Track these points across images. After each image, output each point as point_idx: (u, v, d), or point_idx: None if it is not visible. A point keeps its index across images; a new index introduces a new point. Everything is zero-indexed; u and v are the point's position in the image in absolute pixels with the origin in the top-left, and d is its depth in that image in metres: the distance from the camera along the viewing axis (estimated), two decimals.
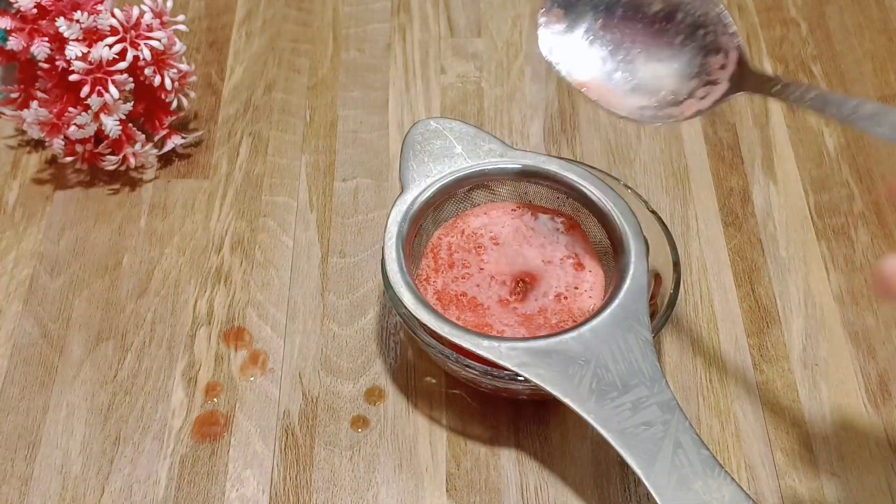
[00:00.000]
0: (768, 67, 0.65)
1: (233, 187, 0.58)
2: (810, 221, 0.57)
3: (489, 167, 0.49)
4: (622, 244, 0.46)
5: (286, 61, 0.65)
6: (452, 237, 0.49)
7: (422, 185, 0.48)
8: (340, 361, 0.51)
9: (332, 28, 0.67)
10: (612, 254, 0.47)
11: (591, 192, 0.48)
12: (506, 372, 0.44)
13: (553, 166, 0.49)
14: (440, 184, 0.48)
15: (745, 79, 0.40)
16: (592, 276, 0.47)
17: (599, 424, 0.36)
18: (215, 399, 0.49)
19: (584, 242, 0.49)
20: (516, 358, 0.41)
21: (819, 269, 0.55)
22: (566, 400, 0.38)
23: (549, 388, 0.39)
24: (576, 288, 0.47)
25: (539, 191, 0.50)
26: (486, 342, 0.42)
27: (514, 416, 0.49)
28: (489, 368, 0.44)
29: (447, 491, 0.46)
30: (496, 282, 0.48)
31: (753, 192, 0.58)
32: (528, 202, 0.51)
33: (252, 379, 0.50)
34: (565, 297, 0.47)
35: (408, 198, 0.48)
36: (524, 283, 0.48)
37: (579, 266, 0.48)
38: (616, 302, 0.42)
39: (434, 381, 0.50)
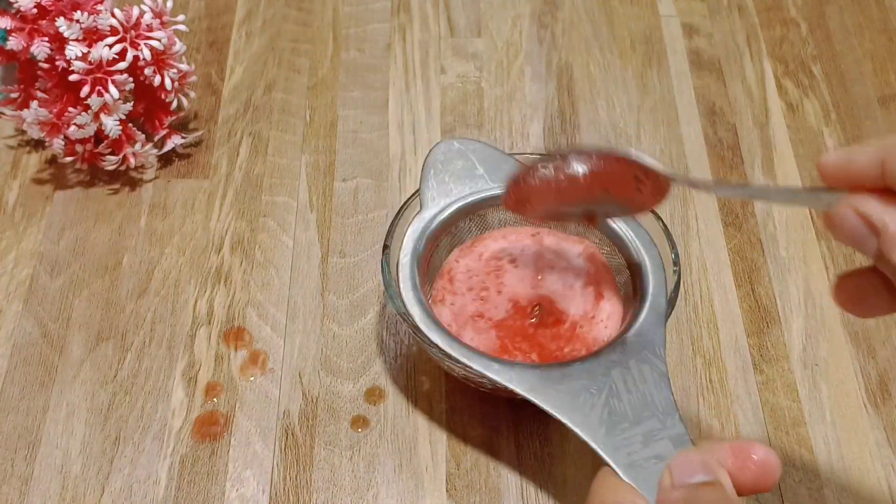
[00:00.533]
0: (768, 68, 0.65)
1: (233, 187, 0.58)
2: (810, 221, 0.57)
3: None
4: (641, 275, 0.46)
5: (286, 61, 0.65)
6: (470, 259, 0.49)
7: (441, 204, 0.48)
8: (340, 361, 0.51)
9: (332, 28, 0.67)
10: (630, 284, 0.47)
11: (613, 223, 0.47)
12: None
13: None
14: (459, 204, 0.48)
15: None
16: (610, 306, 0.47)
17: (609, 456, 0.36)
18: (215, 399, 0.49)
19: (604, 272, 0.49)
20: (527, 383, 0.40)
21: (819, 269, 0.55)
22: (576, 429, 0.38)
23: (558, 416, 0.39)
24: (592, 317, 0.47)
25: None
26: (496, 365, 0.41)
27: (514, 416, 0.49)
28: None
29: (447, 491, 0.46)
30: (513, 305, 0.48)
31: None
32: (548, 226, 0.50)
33: (252, 379, 0.50)
34: (581, 326, 0.46)
35: (426, 216, 0.47)
36: (541, 308, 0.47)
37: (599, 295, 0.47)
38: (632, 332, 0.42)
39: (434, 381, 0.50)
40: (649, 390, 0.38)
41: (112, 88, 0.54)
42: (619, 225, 0.47)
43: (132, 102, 0.57)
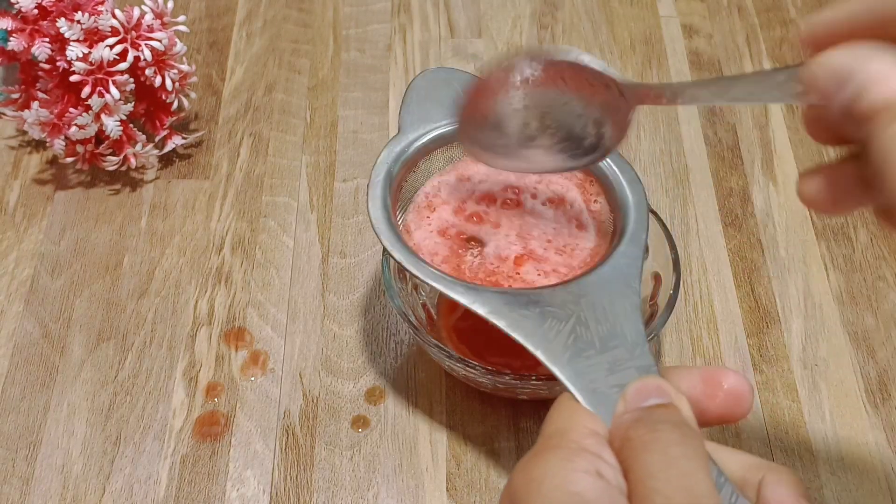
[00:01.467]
0: (768, 68, 0.65)
1: (233, 188, 0.58)
2: (810, 222, 0.57)
3: None
4: (623, 209, 0.44)
5: (287, 62, 0.65)
6: (447, 181, 0.47)
7: (420, 130, 0.45)
8: (341, 361, 0.51)
9: (332, 29, 0.67)
10: (612, 220, 0.45)
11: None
12: (506, 373, 0.45)
13: None
14: (440, 131, 0.46)
15: (630, 96, 0.40)
16: (591, 239, 0.46)
17: (570, 381, 0.34)
18: (216, 399, 0.49)
19: (586, 207, 0.47)
20: (490, 305, 0.38)
21: (819, 269, 0.55)
22: (537, 352, 0.36)
23: (520, 339, 0.37)
24: (572, 249, 0.45)
25: None
26: (461, 287, 0.39)
27: (514, 415, 0.49)
28: (489, 368, 0.44)
29: (447, 490, 0.46)
30: (495, 230, 0.45)
31: (753, 192, 0.58)
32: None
33: (252, 379, 0.50)
34: (561, 251, 0.45)
35: (403, 140, 0.45)
36: (526, 237, 0.45)
37: (580, 227, 0.46)
38: (607, 263, 0.40)
39: (434, 381, 0.50)
40: (619, 322, 0.37)
41: (113, 89, 0.54)
42: (605, 161, 0.45)
43: (133, 103, 0.57)
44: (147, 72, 0.55)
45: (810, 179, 0.34)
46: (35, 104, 0.54)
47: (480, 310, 0.38)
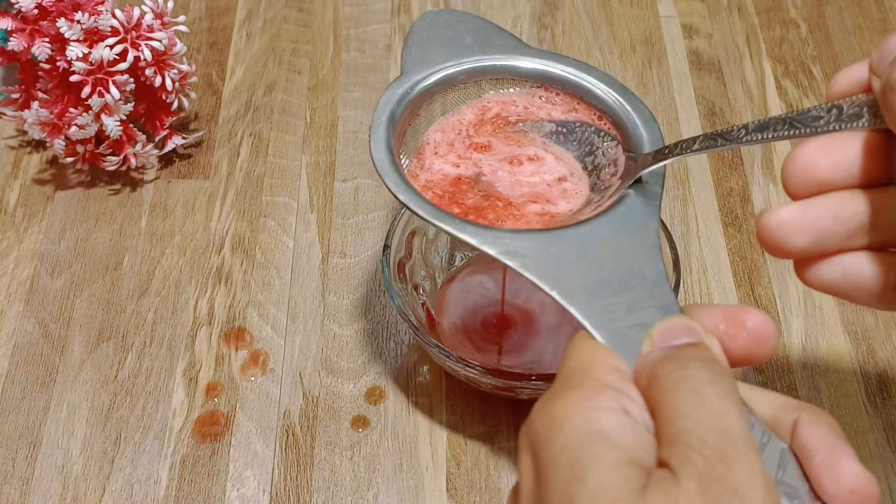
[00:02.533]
0: (768, 68, 0.65)
1: (233, 188, 0.58)
2: None
3: (500, 62, 0.45)
4: (639, 148, 0.42)
5: (287, 62, 0.65)
6: (452, 131, 0.45)
7: (423, 72, 0.44)
8: (341, 361, 0.51)
9: (332, 29, 0.67)
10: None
11: (611, 97, 0.44)
12: (506, 373, 0.45)
13: (572, 68, 0.45)
14: (445, 72, 0.44)
15: (640, 166, 0.39)
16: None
17: (587, 320, 0.32)
18: (216, 399, 0.49)
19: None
20: (502, 246, 0.37)
21: None
22: (552, 292, 0.34)
23: (535, 280, 0.35)
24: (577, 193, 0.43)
25: (552, 96, 0.46)
26: (471, 227, 0.38)
27: (514, 415, 0.49)
28: (489, 368, 0.44)
29: (447, 491, 0.46)
30: (503, 164, 0.44)
31: (753, 192, 0.58)
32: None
33: (253, 379, 0.50)
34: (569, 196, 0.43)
35: (406, 82, 0.43)
36: (532, 161, 0.44)
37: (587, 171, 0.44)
38: (624, 203, 0.38)
39: (434, 381, 0.50)
40: (638, 261, 0.35)
41: (113, 89, 0.54)
42: (615, 98, 0.44)
43: (133, 103, 0.57)
44: (147, 72, 0.55)
45: (779, 210, 0.31)
46: (35, 104, 0.54)
47: (492, 250, 0.37)
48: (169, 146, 0.59)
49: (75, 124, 0.54)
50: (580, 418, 0.27)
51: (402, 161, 0.42)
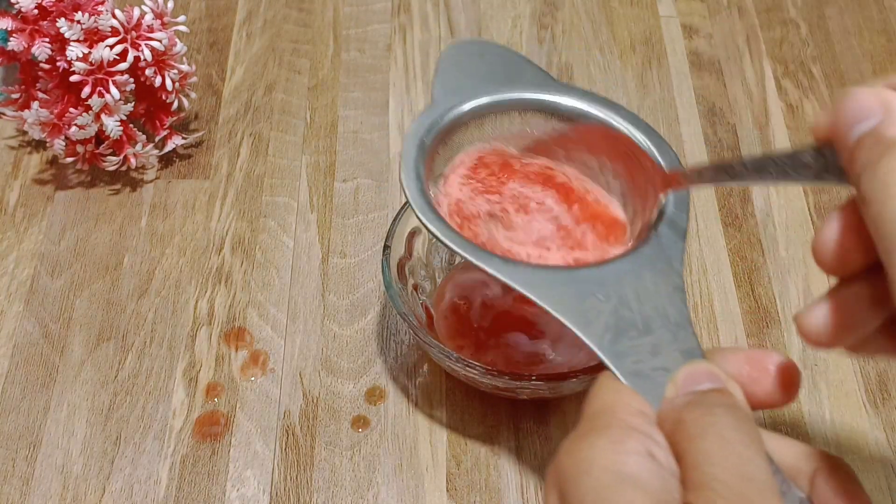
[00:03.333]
0: (768, 68, 0.65)
1: (233, 188, 0.58)
2: (810, 222, 0.57)
3: (532, 96, 0.45)
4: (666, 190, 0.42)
5: (287, 62, 0.65)
6: (485, 157, 0.45)
7: (453, 101, 0.44)
8: (341, 361, 0.51)
9: (332, 29, 0.67)
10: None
11: (638, 139, 0.44)
12: (506, 373, 0.45)
13: (603, 109, 0.45)
14: (473, 103, 0.44)
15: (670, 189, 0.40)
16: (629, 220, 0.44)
17: (612, 361, 0.33)
18: (216, 399, 0.49)
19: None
20: (530, 282, 0.37)
21: (819, 270, 0.54)
22: (578, 332, 0.35)
23: (560, 317, 0.35)
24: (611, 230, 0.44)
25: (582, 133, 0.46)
26: (498, 262, 0.38)
27: (514, 415, 0.49)
28: (489, 368, 0.44)
29: (447, 491, 0.46)
30: (526, 214, 0.44)
31: (753, 192, 0.58)
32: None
33: (253, 379, 0.50)
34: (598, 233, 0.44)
35: (435, 111, 0.44)
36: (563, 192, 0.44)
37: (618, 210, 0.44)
38: (648, 244, 0.39)
39: (434, 381, 0.50)
40: (662, 303, 0.36)
41: (113, 89, 0.54)
42: (641, 139, 0.44)
43: (133, 103, 0.57)
44: (147, 72, 0.55)
45: (812, 310, 0.31)
46: (35, 104, 0.54)
47: (519, 286, 0.37)
48: (169, 146, 0.59)
49: (75, 124, 0.54)
50: (608, 461, 0.27)
51: (430, 189, 0.42)
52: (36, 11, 0.54)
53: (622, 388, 0.31)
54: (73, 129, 0.54)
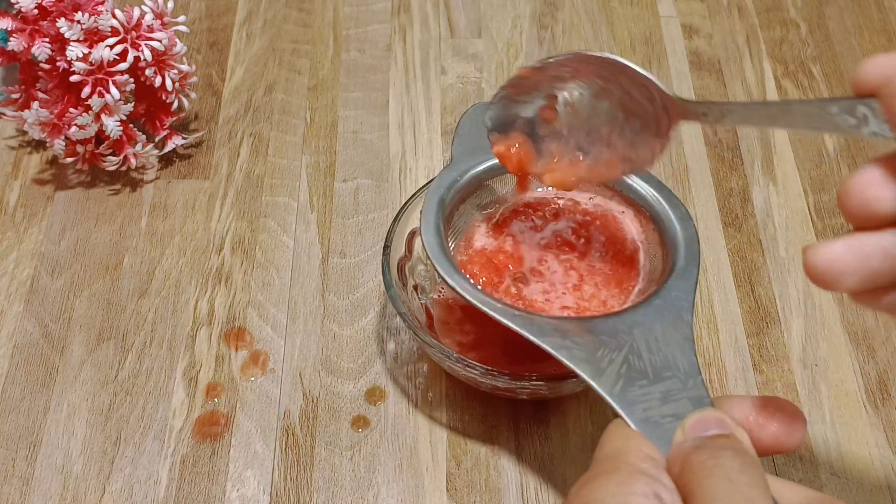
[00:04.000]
0: (768, 68, 0.65)
1: (233, 188, 0.58)
2: (810, 222, 0.57)
3: None
4: (673, 244, 0.44)
5: (287, 62, 0.65)
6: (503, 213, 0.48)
7: (474, 160, 0.46)
8: (341, 361, 0.51)
9: (332, 29, 0.67)
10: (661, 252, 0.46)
11: (650, 195, 0.46)
12: (506, 373, 0.45)
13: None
14: (493, 161, 0.46)
15: (674, 110, 0.40)
16: (642, 275, 0.46)
17: (623, 409, 0.34)
18: (216, 399, 0.49)
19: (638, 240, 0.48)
20: (545, 333, 0.39)
21: None
22: (590, 381, 0.36)
23: (573, 367, 0.37)
24: (626, 287, 0.46)
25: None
26: (513, 313, 0.40)
27: (514, 415, 0.49)
28: (489, 368, 0.44)
29: (447, 491, 0.46)
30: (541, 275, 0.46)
31: (753, 192, 0.58)
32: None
33: (253, 379, 0.50)
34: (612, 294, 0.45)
35: (455, 169, 0.45)
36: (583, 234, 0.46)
37: (633, 264, 0.46)
38: (659, 296, 0.41)
39: (434, 381, 0.50)
40: (672, 352, 0.37)
41: (113, 89, 0.54)
42: (652, 194, 0.46)
43: (133, 103, 0.57)
44: (147, 72, 0.55)
45: (825, 245, 0.30)
46: (35, 104, 0.54)
47: (534, 337, 0.39)
48: (169, 146, 0.59)
49: (75, 124, 0.54)
50: (616, 502, 0.28)
51: (450, 243, 0.45)
52: (36, 11, 0.54)
53: (632, 434, 0.32)
54: (73, 129, 0.54)
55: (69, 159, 0.57)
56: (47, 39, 0.54)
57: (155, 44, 0.55)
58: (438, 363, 0.49)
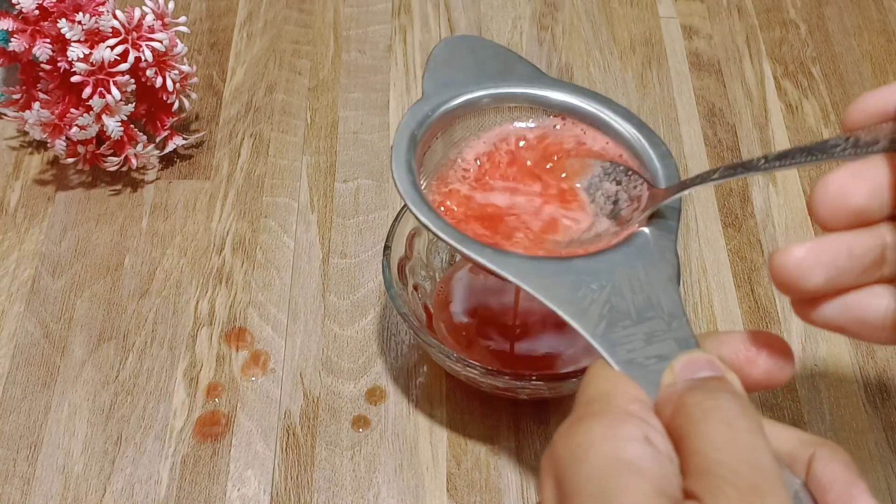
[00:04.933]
0: (768, 69, 0.65)
1: (234, 188, 0.58)
2: (810, 222, 0.57)
3: (524, 90, 0.45)
4: (655, 182, 0.42)
5: (287, 63, 0.65)
6: (474, 150, 0.45)
7: (445, 95, 0.44)
8: (341, 362, 0.51)
9: (332, 29, 0.68)
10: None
11: (629, 133, 0.44)
12: (506, 373, 0.45)
13: (592, 101, 0.45)
14: (465, 97, 0.44)
15: (657, 198, 0.40)
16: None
17: (606, 350, 0.33)
18: (217, 399, 0.50)
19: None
20: (521, 271, 0.37)
21: None
22: (572, 321, 0.35)
23: (554, 307, 0.35)
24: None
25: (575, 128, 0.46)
26: (490, 252, 0.38)
27: (514, 415, 0.49)
28: (489, 368, 0.44)
29: (448, 491, 0.46)
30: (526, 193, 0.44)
31: (753, 192, 0.58)
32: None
33: (253, 379, 0.50)
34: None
35: (427, 104, 0.43)
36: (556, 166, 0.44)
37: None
38: (641, 234, 0.39)
39: (434, 381, 0.50)
40: (655, 292, 0.36)
41: (114, 90, 0.54)
42: (634, 135, 0.44)
43: (134, 104, 0.57)
44: (148, 72, 0.56)
45: (793, 246, 0.30)
46: (36, 105, 0.55)
47: (511, 276, 0.37)
48: (170, 147, 0.59)
49: (76, 125, 0.54)
50: (606, 446, 0.27)
51: (422, 182, 0.42)
52: (37, 12, 0.54)
53: (617, 376, 0.31)
54: (74, 129, 0.54)
55: (70, 160, 0.57)
56: (48, 40, 0.54)
57: (156, 44, 0.55)
58: (438, 363, 0.49)
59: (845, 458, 0.29)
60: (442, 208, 0.43)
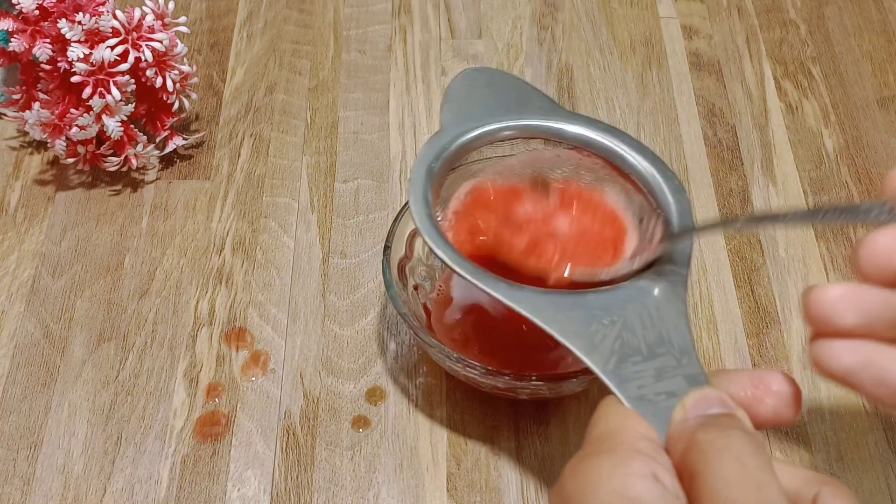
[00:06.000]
0: (767, 69, 0.65)
1: (234, 188, 0.58)
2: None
3: (540, 123, 0.45)
4: (666, 220, 0.43)
5: (287, 63, 0.65)
6: (490, 183, 0.46)
7: (462, 128, 0.44)
8: (341, 362, 0.51)
9: (332, 30, 0.68)
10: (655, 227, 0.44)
11: (643, 167, 0.44)
12: (506, 373, 0.45)
13: (608, 137, 0.45)
14: (481, 129, 0.44)
15: (674, 238, 0.40)
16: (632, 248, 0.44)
17: (616, 386, 0.33)
18: (217, 399, 0.50)
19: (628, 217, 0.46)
20: (535, 306, 0.38)
21: (819, 270, 0.55)
22: (583, 356, 0.35)
23: (566, 342, 0.36)
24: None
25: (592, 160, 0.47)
26: (504, 286, 0.39)
27: (514, 415, 0.49)
28: (489, 368, 0.44)
29: (448, 491, 0.46)
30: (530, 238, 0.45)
31: (753, 192, 0.58)
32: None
33: (253, 379, 0.50)
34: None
35: (444, 137, 0.44)
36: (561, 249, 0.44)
37: (621, 240, 0.44)
38: (653, 270, 0.39)
39: (434, 381, 0.50)
40: (666, 328, 0.36)
41: (114, 90, 0.54)
42: (648, 169, 0.44)
43: (134, 104, 0.57)
44: (148, 73, 0.56)
45: (830, 286, 0.31)
46: (36, 105, 0.55)
47: (525, 311, 0.38)
48: (170, 147, 0.59)
49: (76, 125, 0.54)
50: (614, 483, 0.27)
51: (438, 214, 0.43)
52: (37, 12, 0.54)
53: (627, 413, 0.32)
54: (74, 129, 0.54)
55: (70, 160, 0.57)
56: (48, 40, 0.54)
57: (156, 44, 0.55)
58: (438, 363, 0.49)
59: (849, 497, 0.29)
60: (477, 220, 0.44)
